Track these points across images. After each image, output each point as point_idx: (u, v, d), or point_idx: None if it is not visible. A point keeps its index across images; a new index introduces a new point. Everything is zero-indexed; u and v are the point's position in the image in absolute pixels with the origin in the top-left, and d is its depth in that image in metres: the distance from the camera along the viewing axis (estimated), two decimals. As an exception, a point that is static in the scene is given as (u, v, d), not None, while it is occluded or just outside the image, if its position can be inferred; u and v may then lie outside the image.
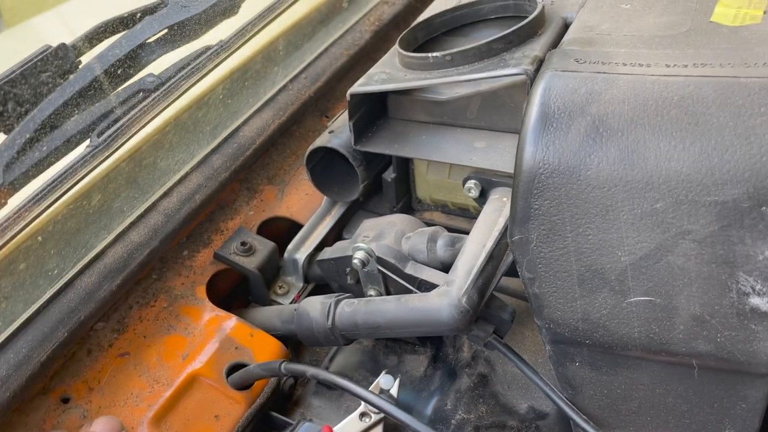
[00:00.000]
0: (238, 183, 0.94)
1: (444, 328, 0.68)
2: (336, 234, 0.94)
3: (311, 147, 0.90)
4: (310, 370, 0.69)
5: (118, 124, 0.73)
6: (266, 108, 0.97)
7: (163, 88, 0.78)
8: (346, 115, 0.88)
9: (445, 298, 0.68)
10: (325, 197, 0.96)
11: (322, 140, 0.90)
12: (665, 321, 0.62)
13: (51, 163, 0.68)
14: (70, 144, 0.70)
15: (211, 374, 0.74)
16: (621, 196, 0.60)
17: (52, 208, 0.69)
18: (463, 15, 0.89)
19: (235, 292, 0.88)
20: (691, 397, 0.67)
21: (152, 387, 0.72)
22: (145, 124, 0.77)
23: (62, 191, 0.68)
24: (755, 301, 0.59)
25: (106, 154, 0.72)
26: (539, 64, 0.73)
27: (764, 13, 0.68)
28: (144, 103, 0.76)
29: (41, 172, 0.67)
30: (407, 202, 0.96)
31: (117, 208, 0.77)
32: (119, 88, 0.75)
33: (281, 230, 0.94)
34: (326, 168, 0.95)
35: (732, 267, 0.58)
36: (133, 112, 0.75)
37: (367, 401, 0.66)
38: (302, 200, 0.96)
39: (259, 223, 0.92)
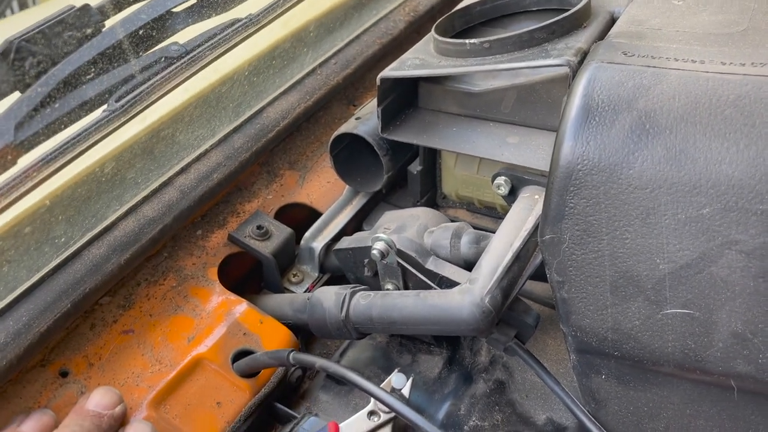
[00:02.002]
0: (258, 166, 0.92)
1: (464, 328, 0.64)
2: (356, 225, 0.91)
3: (336, 133, 0.87)
4: (319, 362, 0.66)
5: (138, 91, 0.70)
6: (293, 91, 0.94)
7: (187, 57, 0.75)
8: (374, 102, 0.85)
9: (467, 296, 0.64)
10: (347, 186, 0.92)
11: (348, 126, 0.87)
12: (703, 336, 0.58)
13: (65, 125, 0.65)
14: (86, 107, 0.67)
15: (216, 359, 0.71)
16: (664, 198, 0.56)
17: (62, 172, 0.66)
18: (504, 5, 0.85)
19: (248, 278, 0.85)
20: (724, 422, 0.63)
21: (154, 367, 0.70)
22: (166, 93, 0.74)
23: (74, 154, 0.65)
24: (803, 321, 0.54)
25: (123, 120, 0.70)
26: (583, 56, 0.69)
27: (830, 15, 0.63)
28: (166, 71, 0.73)
29: (54, 134, 0.64)
30: (432, 198, 0.92)
31: (131, 179, 0.75)
32: (142, 54, 0.73)
33: (299, 217, 0.90)
34: (350, 156, 0.91)
35: (781, 283, 0.54)
36: (154, 80, 0.72)
37: (377, 398, 0.62)
38: (323, 188, 0.93)
39: (278, 208, 0.89)
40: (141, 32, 0.70)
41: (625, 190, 0.57)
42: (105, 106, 0.69)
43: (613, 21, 0.76)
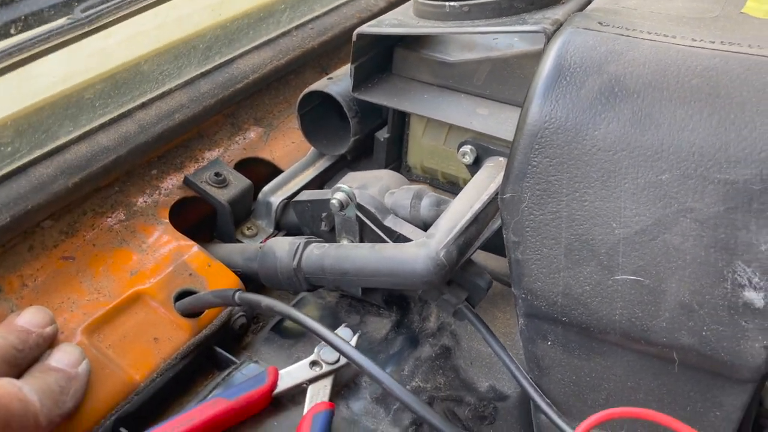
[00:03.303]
0: (223, 116, 0.90)
1: (416, 281, 0.63)
2: (317, 186, 0.90)
3: (306, 90, 0.86)
4: (266, 301, 0.64)
5: (106, 5, 0.68)
6: (266, 47, 0.92)
7: (163, -18, 0.73)
8: (347, 66, 0.84)
9: (423, 249, 0.63)
10: (312, 148, 0.91)
11: (319, 85, 0.86)
12: (651, 305, 0.58)
13: (23, 29, 0.62)
14: (49, 12, 0.64)
15: (157, 295, 0.69)
16: (626, 162, 0.56)
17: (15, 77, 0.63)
18: (486, -19, 0.85)
19: (200, 225, 0.83)
20: (663, 396, 0.63)
21: (92, 296, 0.67)
22: (136, 13, 0.72)
23: (26, 56, 0.62)
24: (750, 294, 0.55)
25: (87, 30, 0.67)
26: (559, 27, 0.69)
27: (798, 11, 0.66)
28: (138, -9, 0.71)
29: (10, 35, 0.61)
30: (396, 168, 0.92)
31: (88, 101, 0.72)
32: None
33: (260, 173, 0.89)
34: (318, 119, 0.90)
35: (731, 254, 0.54)
36: (124, -3, 0.70)
37: (324, 338, 0.61)
38: (287, 147, 0.92)
39: (238, 160, 0.87)
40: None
41: (589, 151, 0.57)
42: (70, 14, 0.66)
43: (590, 1, 0.77)
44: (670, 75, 0.56)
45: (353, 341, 0.68)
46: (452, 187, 0.89)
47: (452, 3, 0.74)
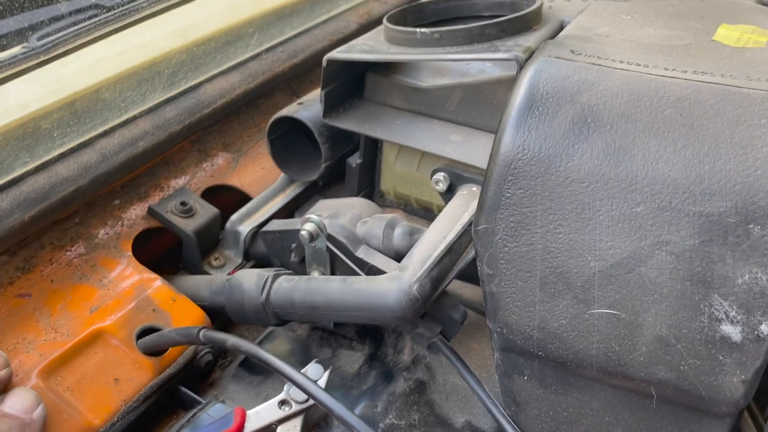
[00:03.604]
0: (189, 143, 0.87)
1: (389, 315, 0.61)
2: (287, 214, 0.88)
3: (276, 115, 0.84)
4: (232, 339, 0.61)
5: (63, 33, 0.65)
6: (234, 71, 0.90)
7: (122, 8, 0.71)
8: (318, 90, 0.83)
9: (395, 282, 0.62)
10: (282, 174, 0.89)
11: (289, 110, 0.84)
12: (627, 339, 0.57)
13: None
14: (2, 42, 0.62)
15: (118, 333, 0.66)
16: (600, 194, 0.55)
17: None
18: (457, 6, 0.85)
19: (165, 256, 0.80)
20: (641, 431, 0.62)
21: (49, 335, 0.63)
22: (93, 41, 0.69)
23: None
24: (727, 329, 0.54)
25: (42, 59, 0.64)
26: (531, 54, 0.69)
27: (768, 39, 0.66)
28: (97, 18, 0.68)
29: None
30: (369, 195, 0.90)
31: (45, 131, 0.69)
32: (75, -2, 0.68)
33: (228, 201, 0.86)
34: (288, 143, 0.88)
35: (707, 288, 0.53)
36: (82, 25, 0.67)
37: (291, 380, 0.58)
38: (257, 173, 0.89)
39: (206, 188, 0.85)
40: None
41: (563, 182, 0.56)
42: (25, 43, 0.64)
43: (562, 27, 0.76)
44: (643, 105, 0.55)
45: (324, 378, 0.66)
46: (426, 213, 0.88)
47: (423, 30, 0.73)
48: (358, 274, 0.69)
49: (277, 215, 0.85)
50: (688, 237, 0.53)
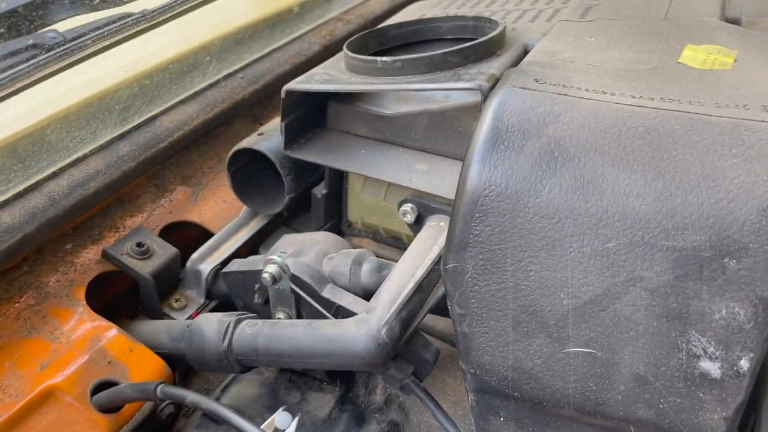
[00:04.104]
0: (146, 178, 0.84)
1: (357, 362, 0.59)
2: (251, 249, 0.84)
3: (236, 147, 0.81)
4: (191, 396, 0.58)
5: (1, 75, 0.62)
6: (192, 101, 0.87)
7: (64, 47, 0.67)
8: (279, 119, 0.80)
9: (363, 326, 0.59)
10: (244, 207, 0.86)
11: (250, 141, 0.81)
12: (605, 378, 0.55)
13: None
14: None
15: (72, 390, 0.62)
16: (571, 230, 0.53)
17: None
18: (419, 30, 0.83)
19: (122, 301, 0.76)
20: (622, 470, 0.60)
21: (-5, 398, 0.59)
22: (35, 83, 0.66)
23: None
24: (705, 365, 0.52)
25: (-24, 106, 0.61)
26: (495, 82, 0.67)
27: (734, 60, 0.64)
28: (37, 59, 0.65)
29: None
30: (336, 225, 0.87)
31: (-13, 178, 0.66)
32: (12, 38, 0.64)
33: (188, 237, 0.83)
34: (250, 175, 0.85)
35: (684, 324, 0.52)
36: (21, 67, 0.64)
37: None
38: (218, 207, 0.86)
39: (164, 225, 0.81)
40: (14, 15, 0.62)
41: (532, 219, 0.54)
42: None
43: (526, 52, 0.75)
44: (611, 137, 0.53)
45: (292, 428, 0.63)
46: (396, 241, 0.85)
47: (384, 59, 0.70)
48: (325, 316, 0.66)
49: (240, 251, 0.82)
50: (663, 272, 0.51)
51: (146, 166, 0.80)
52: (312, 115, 0.81)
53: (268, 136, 0.82)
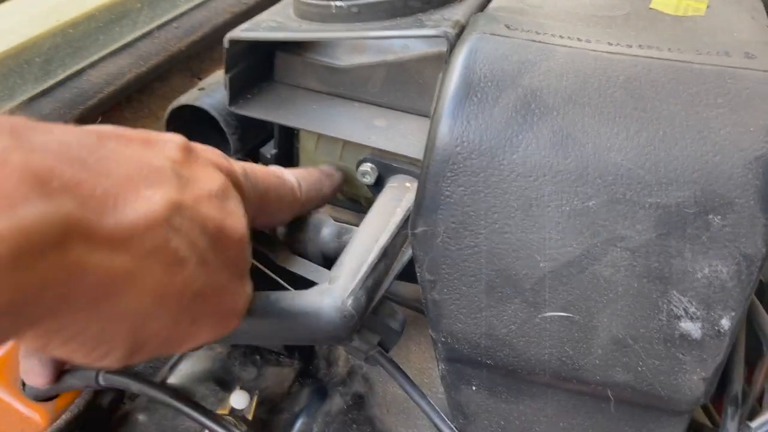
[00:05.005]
0: (75, 139, 0.75)
1: (321, 336, 0.54)
2: (196, 215, 0.78)
3: (174, 104, 0.73)
4: (136, 385, 0.52)
5: None
6: (123, 53, 0.78)
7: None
8: (221, 72, 0.73)
9: (326, 298, 0.54)
10: (186, 170, 0.79)
11: (190, 97, 0.74)
12: (582, 343, 0.53)
13: None
14: None
15: (1, 378, 0.55)
16: (549, 188, 0.50)
17: None
18: (374, -27, 0.76)
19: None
20: (597, 434, 0.58)
21: None
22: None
23: None
24: (686, 326, 0.51)
25: None
26: (461, 30, 0.62)
27: (707, 6, 0.61)
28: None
29: None
30: (287, 187, 0.82)
31: None
32: None
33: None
34: (191, 135, 0.77)
35: (665, 284, 0.49)
36: None
37: (208, 428, 0.50)
38: (157, 170, 0.79)
39: (97, 191, 0.73)
40: None
41: (507, 177, 0.50)
42: None
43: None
44: (591, 87, 0.50)
45: (251, 407, 0.58)
46: (353, 204, 0.80)
47: (339, 3, 0.64)
48: (283, 287, 0.61)
49: (184, 217, 0.75)
50: (645, 231, 0.49)
51: (74, 127, 0.72)
52: (258, 67, 0.74)
53: (209, 91, 0.75)
